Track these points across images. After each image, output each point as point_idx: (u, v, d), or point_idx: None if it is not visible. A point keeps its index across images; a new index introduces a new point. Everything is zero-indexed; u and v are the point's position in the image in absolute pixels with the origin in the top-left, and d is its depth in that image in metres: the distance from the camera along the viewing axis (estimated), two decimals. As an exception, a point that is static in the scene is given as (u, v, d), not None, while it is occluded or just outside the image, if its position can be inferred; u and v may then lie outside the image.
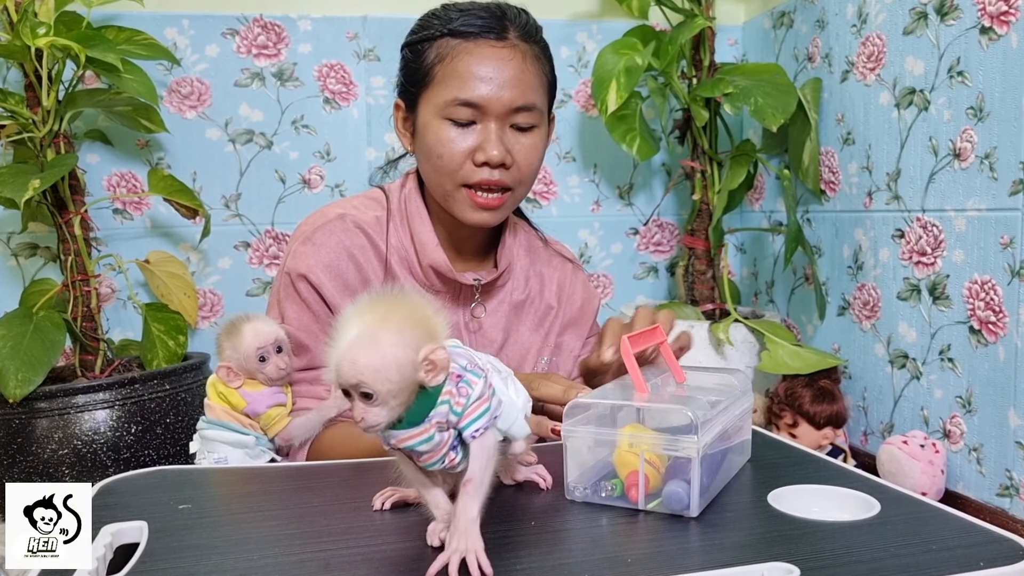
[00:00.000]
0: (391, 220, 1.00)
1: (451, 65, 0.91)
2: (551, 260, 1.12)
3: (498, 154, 0.90)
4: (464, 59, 0.90)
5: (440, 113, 0.91)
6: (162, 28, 1.94)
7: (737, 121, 2.27)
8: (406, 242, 1.00)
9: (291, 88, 2.04)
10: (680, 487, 0.62)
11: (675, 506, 0.63)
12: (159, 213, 2.01)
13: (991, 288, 1.46)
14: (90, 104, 1.75)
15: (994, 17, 1.42)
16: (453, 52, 0.91)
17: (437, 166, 0.93)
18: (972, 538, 0.58)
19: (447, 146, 0.91)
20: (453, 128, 0.91)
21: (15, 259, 1.94)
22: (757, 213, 2.26)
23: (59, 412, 1.53)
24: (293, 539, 0.61)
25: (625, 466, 0.65)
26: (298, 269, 0.96)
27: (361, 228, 0.98)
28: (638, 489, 0.64)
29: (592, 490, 0.66)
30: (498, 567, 0.54)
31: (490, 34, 0.91)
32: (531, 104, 0.93)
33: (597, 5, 2.20)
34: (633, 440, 0.65)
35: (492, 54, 0.91)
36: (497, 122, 0.91)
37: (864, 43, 1.76)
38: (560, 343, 1.09)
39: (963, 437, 1.55)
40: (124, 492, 0.72)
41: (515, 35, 0.93)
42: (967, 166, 1.50)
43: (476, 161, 0.91)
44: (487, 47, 0.91)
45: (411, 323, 0.55)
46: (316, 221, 0.99)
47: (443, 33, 0.92)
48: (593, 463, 0.69)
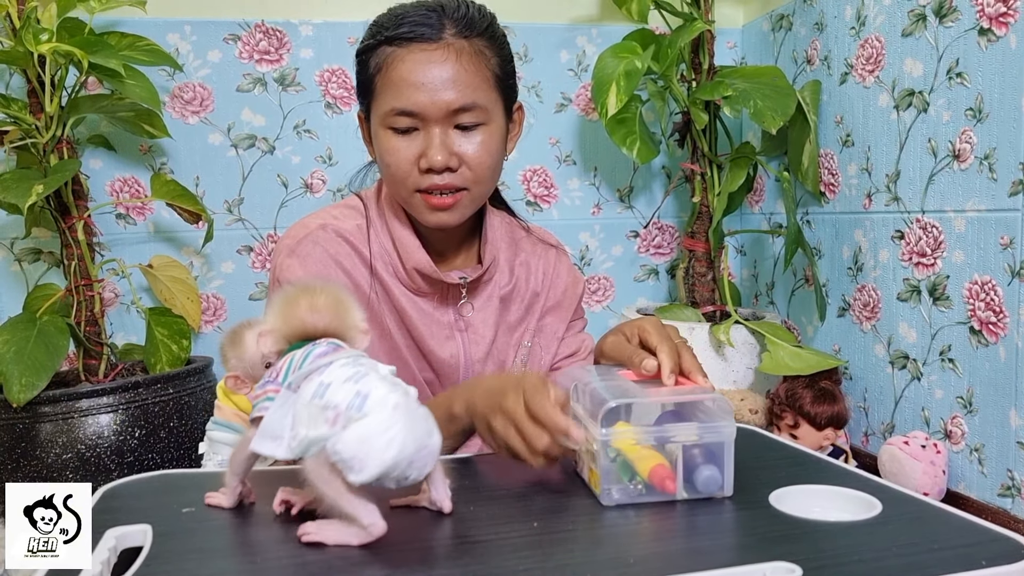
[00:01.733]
0: (371, 227, 1.00)
1: (387, 76, 0.91)
2: (535, 248, 1.11)
3: (441, 159, 0.90)
4: (398, 67, 0.90)
5: (383, 123, 0.92)
6: (164, 34, 1.95)
7: (737, 124, 2.28)
8: (388, 247, 1.00)
9: (293, 93, 2.05)
10: (712, 471, 0.66)
11: (711, 488, 0.66)
12: (162, 218, 2.01)
13: (991, 288, 1.46)
14: (93, 110, 1.76)
15: (993, 18, 1.43)
16: (389, 61, 0.91)
17: (388, 175, 0.94)
18: (974, 537, 0.59)
19: (394, 155, 0.92)
20: (396, 137, 0.91)
21: (19, 264, 1.95)
22: (757, 215, 2.26)
23: (63, 416, 1.53)
24: (297, 541, 0.61)
25: (644, 461, 0.66)
26: (287, 281, 0.97)
27: (343, 237, 0.98)
28: (674, 480, 0.66)
29: (624, 491, 0.67)
30: (501, 568, 0.54)
31: (422, 38, 0.90)
32: (471, 103, 0.91)
33: (596, 9, 2.20)
34: (666, 433, 0.67)
35: (424, 58, 0.90)
36: (439, 126, 0.90)
37: (863, 45, 1.77)
38: (542, 326, 1.08)
39: (964, 437, 1.55)
40: (128, 496, 0.72)
41: (451, 33, 0.91)
42: (966, 167, 1.51)
43: (421, 168, 0.91)
44: (419, 51, 0.90)
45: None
46: (298, 233, 0.99)
47: (380, 42, 0.92)
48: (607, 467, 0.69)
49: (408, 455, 0.55)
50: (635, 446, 0.67)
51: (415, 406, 0.58)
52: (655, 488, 0.66)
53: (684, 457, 0.66)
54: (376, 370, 0.60)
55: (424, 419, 0.58)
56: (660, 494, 0.66)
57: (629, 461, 0.67)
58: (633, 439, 0.67)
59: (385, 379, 0.59)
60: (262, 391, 0.62)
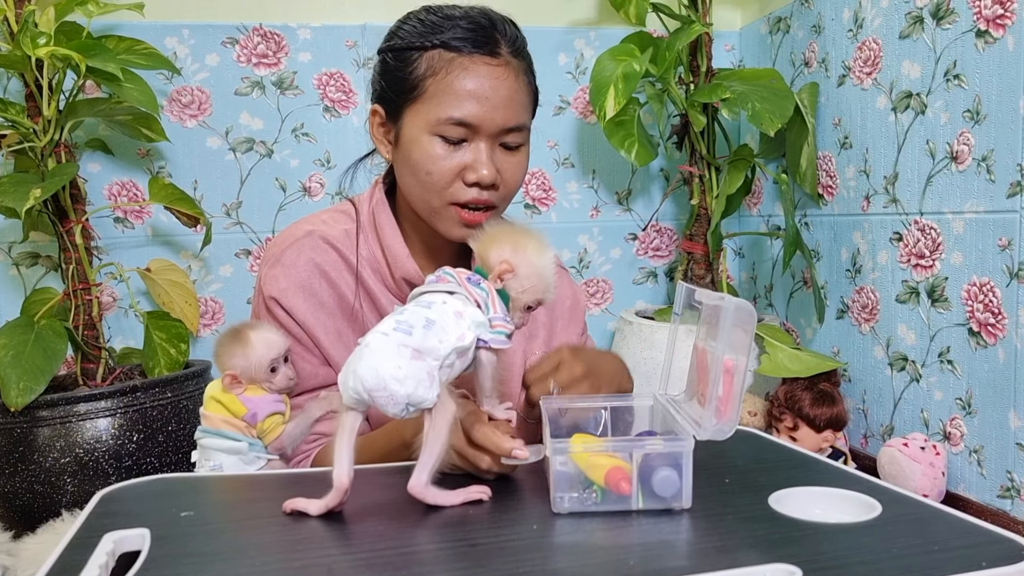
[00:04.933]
0: (361, 232, 0.99)
1: (445, 80, 0.88)
2: None
3: (489, 174, 0.89)
4: (459, 75, 0.88)
5: (430, 129, 0.89)
6: (162, 38, 1.95)
7: (735, 126, 2.28)
8: (378, 254, 0.99)
9: (291, 96, 2.05)
10: (669, 472, 0.64)
11: (668, 490, 0.64)
12: (160, 222, 2.01)
13: (990, 290, 1.46)
14: (91, 113, 1.76)
15: (990, 20, 1.43)
16: (447, 67, 0.89)
17: (425, 183, 0.91)
18: (973, 538, 0.59)
19: (437, 163, 0.90)
20: (443, 145, 0.90)
21: (16, 268, 1.95)
22: (755, 217, 2.26)
23: (61, 421, 1.53)
24: (295, 545, 0.61)
25: (597, 468, 0.65)
26: (270, 293, 0.96)
27: (330, 243, 0.98)
28: (629, 482, 0.64)
29: (578, 500, 0.66)
30: (500, 571, 0.54)
31: (484, 49, 0.89)
32: (519, 124, 0.92)
33: (595, 12, 2.21)
34: (621, 443, 0.67)
35: (488, 72, 0.89)
36: (488, 141, 0.90)
37: (860, 47, 1.77)
38: (553, 343, 1.09)
39: (963, 439, 1.55)
40: (126, 500, 0.72)
41: (507, 51, 0.91)
42: (964, 168, 1.51)
43: (467, 180, 0.90)
44: (482, 64, 0.89)
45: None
46: (284, 241, 0.98)
47: (435, 44, 0.89)
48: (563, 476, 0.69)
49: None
50: (588, 454, 0.66)
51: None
52: (611, 491, 0.65)
53: (641, 465, 0.65)
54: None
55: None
56: (616, 501, 0.65)
57: (583, 469, 0.66)
58: (582, 447, 0.66)
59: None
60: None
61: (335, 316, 0.98)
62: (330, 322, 0.98)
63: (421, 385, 0.65)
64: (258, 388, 0.92)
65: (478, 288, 0.72)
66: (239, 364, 0.91)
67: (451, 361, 0.68)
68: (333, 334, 0.98)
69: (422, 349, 0.66)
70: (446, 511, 0.67)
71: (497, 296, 0.73)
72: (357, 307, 0.98)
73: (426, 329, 0.66)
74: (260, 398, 0.91)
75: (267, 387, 0.92)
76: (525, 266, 0.74)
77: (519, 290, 0.74)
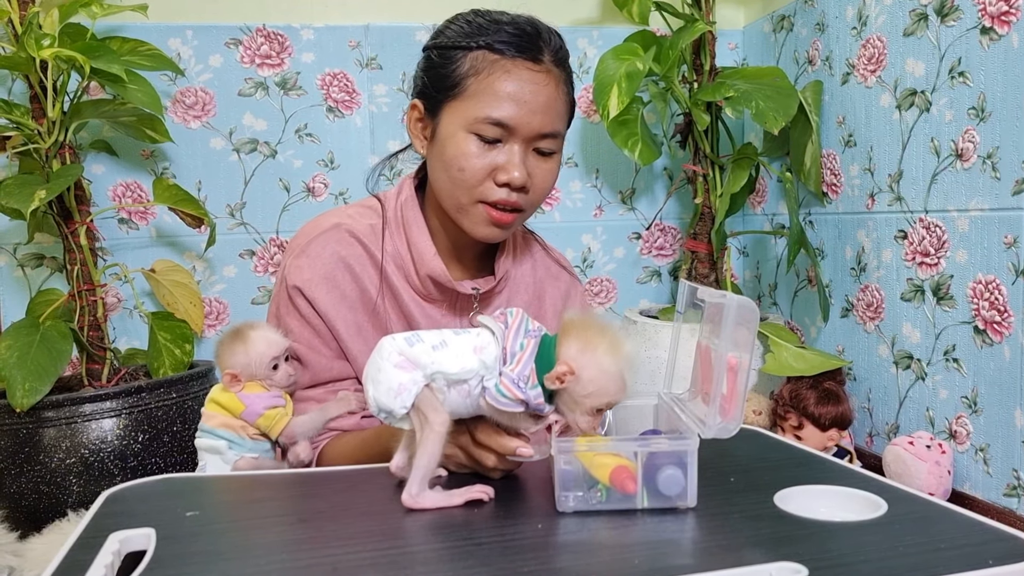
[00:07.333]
0: (387, 228, 1.00)
1: (486, 81, 0.90)
2: (550, 268, 1.12)
3: (520, 176, 0.91)
4: (502, 77, 0.89)
5: (467, 127, 0.90)
6: (166, 39, 1.96)
7: (738, 125, 2.28)
8: (403, 250, 0.99)
9: (294, 97, 2.05)
10: (674, 470, 0.64)
11: (673, 489, 0.64)
12: (164, 222, 2.02)
13: (995, 288, 1.46)
14: (95, 115, 1.76)
15: (994, 17, 1.43)
16: (490, 68, 0.90)
17: (456, 179, 0.92)
18: (980, 536, 0.58)
19: (470, 161, 0.91)
20: (478, 144, 0.91)
21: (21, 269, 1.95)
22: (759, 216, 2.26)
23: (66, 421, 1.53)
24: (300, 544, 0.61)
25: (602, 467, 0.65)
26: (294, 283, 0.96)
27: (356, 237, 0.98)
28: (634, 481, 0.64)
29: (583, 499, 0.66)
30: (504, 570, 0.54)
31: (528, 55, 0.91)
32: (555, 131, 0.94)
33: (598, 11, 2.20)
34: (625, 442, 0.67)
35: (529, 77, 0.90)
36: (522, 144, 0.91)
37: (864, 45, 1.77)
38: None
39: (969, 437, 1.55)
40: (131, 500, 0.72)
41: (549, 59, 0.93)
42: (969, 166, 1.50)
43: (498, 180, 0.91)
44: (524, 69, 0.90)
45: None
46: (311, 232, 0.99)
47: (480, 45, 0.91)
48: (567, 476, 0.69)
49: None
50: (592, 453, 0.66)
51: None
52: (615, 490, 0.65)
53: (646, 463, 0.65)
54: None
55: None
56: (620, 500, 0.65)
57: (587, 468, 0.66)
58: (587, 445, 0.66)
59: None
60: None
61: (356, 310, 0.98)
62: (351, 316, 0.98)
63: (390, 393, 0.66)
64: (256, 385, 0.92)
65: (520, 339, 0.70)
66: (240, 361, 0.91)
67: (441, 385, 0.68)
68: (353, 328, 0.98)
69: (413, 361, 0.67)
70: (450, 510, 0.67)
71: (531, 360, 0.69)
72: (379, 303, 0.98)
73: (434, 348, 0.68)
74: (257, 395, 0.92)
75: (267, 384, 0.92)
76: (591, 369, 0.68)
77: (582, 394, 0.68)
